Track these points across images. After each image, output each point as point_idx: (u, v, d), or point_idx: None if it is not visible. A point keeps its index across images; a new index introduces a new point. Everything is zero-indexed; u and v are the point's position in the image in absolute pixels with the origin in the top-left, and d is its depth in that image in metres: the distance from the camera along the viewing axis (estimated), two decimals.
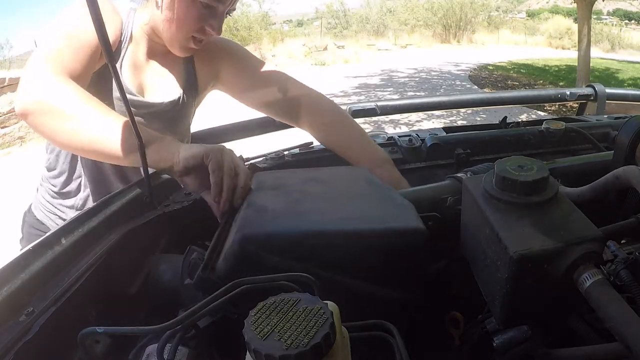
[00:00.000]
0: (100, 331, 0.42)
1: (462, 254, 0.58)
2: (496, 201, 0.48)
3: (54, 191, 1.01)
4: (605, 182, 0.55)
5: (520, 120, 1.24)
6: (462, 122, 5.92)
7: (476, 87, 9.26)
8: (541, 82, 9.88)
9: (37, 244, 0.54)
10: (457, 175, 0.72)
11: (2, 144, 5.93)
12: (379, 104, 1.33)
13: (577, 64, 7.57)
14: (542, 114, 6.58)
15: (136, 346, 0.46)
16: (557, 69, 11.50)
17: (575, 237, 0.43)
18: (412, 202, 0.58)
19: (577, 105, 1.61)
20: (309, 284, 0.41)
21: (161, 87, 0.96)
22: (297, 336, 0.28)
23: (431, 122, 6.04)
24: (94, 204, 0.67)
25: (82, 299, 0.51)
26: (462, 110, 5.88)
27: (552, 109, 6.72)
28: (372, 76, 10.47)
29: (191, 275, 0.56)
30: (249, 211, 0.56)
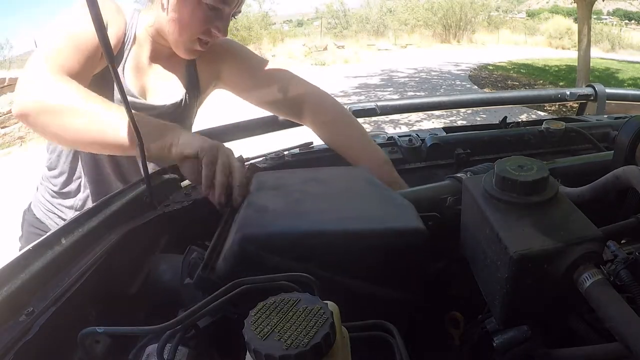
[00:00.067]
0: (100, 331, 0.42)
1: (462, 254, 0.58)
2: (496, 201, 0.48)
3: (53, 191, 1.01)
4: (605, 182, 0.55)
5: (520, 120, 1.24)
6: (462, 122, 5.92)
7: (476, 87, 9.26)
8: (541, 82, 9.88)
9: (37, 244, 0.54)
10: (457, 175, 0.72)
11: (2, 144, 5.93)
12: (379, 104, 1.33)
13: (577, 64, 7.58)
14: (542, 114, 6.58)
15: (136, 346, 0.46)
16: (557, 69, 11.50)
17: (575, 237, 0.43)
18: (412, 202, 0.58)
19: (577, 105, 1.61)
20: (309, 284, 0.41)
21: (163, 89, 0.96)
22: (297, 336, 0.28)
23: (431, 122, 6.04)
24: (94, 204, 0.67)
25: (82, 299, 0.51)
26: (462, 110, 5.88)
27: (552, 109, 6.72)
28: (372, 76, 10.47)
29: (191, 275, 0.56)
30: (249, 211, 0.56)
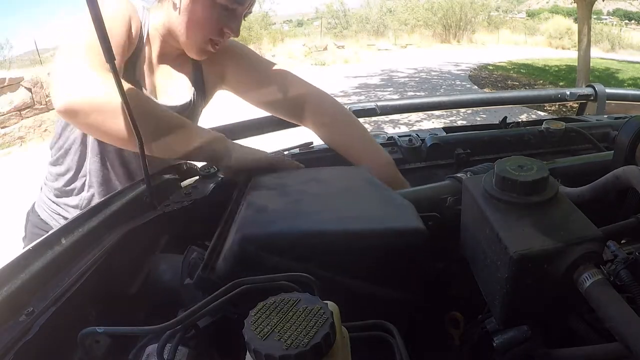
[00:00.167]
0: (100, 331, 0.42)
1: (462, 254, 0.58)
2: (496, 201, 0.48)
3: (57, 189, 1.00)
4: (605, 182, 0.55)
5: (520, 120, 1.24)
6: (462, 122, 5.92)
7: (476, 87, 9.26)
8: (541, 82, 9.87)
9: (37, 243, 0.54)
10: (457, 175, 0.72)
11: (2, 144, 5.93)
12: (379, 104, 1.32)
13: (577, 64, 7.58)
14: (542, 114, 6.58)
15: (136, 346, 0.46)
16: (557, 69, 11.50)
17: (575, 237, 0.43)
18: (412, 202, 0.58)
19: (577, 105, 1.61)
20: (309, 284, 0.41)
21: (172, 89, 0.96)
22: (297, 336, 0.28)
23: (431, 122, 6.04)
24: (94, 204, 0.67)
25: (82, 299, 0.51)
26: (462, 110, 5.88)
27: (552, 109, 6.71)
28: (372, 76, 10.47)
29: (191, 275, 0.56)
30: (249, 211, 0.56)
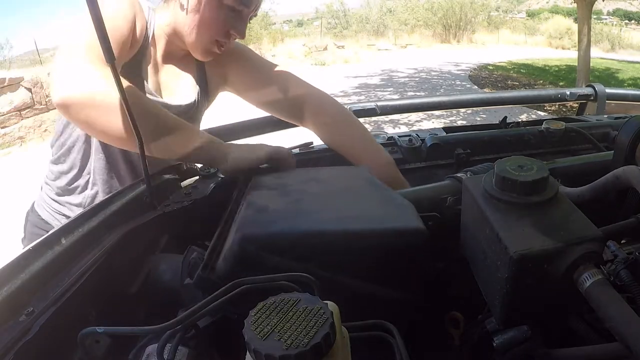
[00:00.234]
0: (100, 331, 0.42)
1: (462, 254, 0.58)
2: (496, 201, 0.48)
3: (60, 187, 0.99)
4: (605, 182, 0.55)
5: (520, 120, 1.24)
6: (462, 122, 5.92)
7: (476, 87, 9.26)
8: (541, 82, 9.87)
9: (37, 243, 0.54)
10: (457, 175, 0.72)
11: (2, 144, 5.93)
12: (379, 104, 1.32)
13: (577, 64, 7.58)
14: (542, 114, 6.58)
15: (136, 346, 0.46)
16: (557, 69, 11.49)
17: (575, 237, 0.43)
18: (412, 202, 0.58)
19: (577, 105, 1.61)
20: (309, 284, 0.41)
21: (177, 89, 0.96)
22: (297, 336, 0.28)
23: (431, 122, 6.04)
24: (93, 204, 0.67)
25: (82, 299, 0.51)
26: (462, 110, 5.87)
27: (552, 109, 6.71)
28: (372, 76, 10.47)
29: (191, 275, 0.56)
30: (249, 211, 0.56)
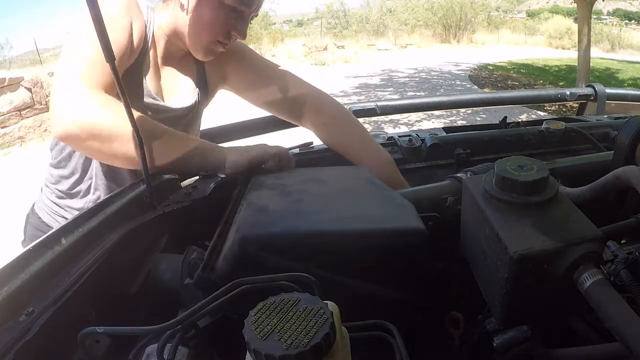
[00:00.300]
0: (100, 331, 0.42)
1: (462, 254, 0.58)
2: (496, 201, 0.48)
3: (61, 191, 0.99)
4: (605, 182, 0.55)
5: (520, 120, 1.24)
6: (462, 122, 5.92)
7: (476, 87, 9.26)
8: (541, 82, 9.87)
9: (37, 243, 0.54)
10: (457, 175, 0.72)
11: (2, 144, 5.93)
12: (379, 104, 1.33)
13: (577, 64, 7.57)
14: (542, 114, 6.58)
15: (136, 346, 0.46)
16: (557, 69, 11.49)
17: (575, 237, 0.43)
18: (412, 202, 0.58)
19: (577, 105, 1.61)
20: (309, 284, 0.41)
21: (178, 90, 0.96)
22: (297, 336, 0.28)
23: (431, 122, 6.04)
24: (94, 204, 0.67)
25: (82, 299, 0.51)
26: (462, 110, 5.87)
27: (552, 109, 6.71)
28: (372, 76, 10.47)
29: (191, 275, 0.56)
30: (249, 211, 0.56)
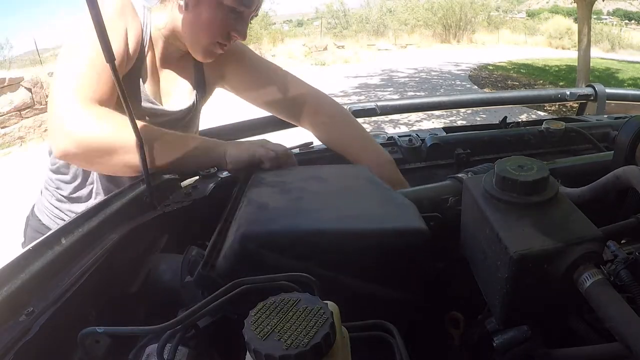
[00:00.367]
0: (100, 331, 0.42)
1: (462, 254, 0.58)
2: (496, 201, 0.48)
3: (62, 195, 0.98)
4: (605, 182, 0.55)
5: (520, 120, 1.24)
6: (462, 122, 5.92)
7: (476, 87, 9.26)
8: (541, 82, 9.87)
9: (37, 244, 0.54)
10: (458, 175, 0.72)
11: (2, 144, 5.93)
12: (379, 104, 1.33)
13: (577, 64, 7.57)
14: (542, 114, 6.58)
15: (136, 346, 0.46)
16: (557, 69, 11.49)
17: (575, 237, 0.43)
18: (413, 202, 0.58)
19: (577, 105, 1.61)
20: (309, 284, 0.41)
21: (176, 93, 0.95)
22: (297, 336, 0.28)
23: (431, 122, 6.04)
24: (94, 204, 0.67)
25: (82, 299, 0.51)
26: (462, 110, 5.87)
27: (552, 109, 6.71)
28: (372, 76, 10.47)
29: (191, 272, 0.56)
30: (250, 209, 0.56)
